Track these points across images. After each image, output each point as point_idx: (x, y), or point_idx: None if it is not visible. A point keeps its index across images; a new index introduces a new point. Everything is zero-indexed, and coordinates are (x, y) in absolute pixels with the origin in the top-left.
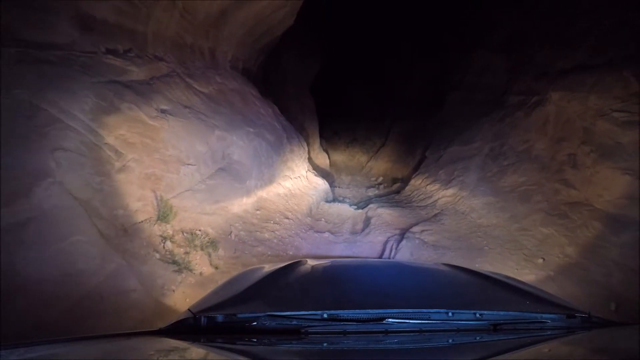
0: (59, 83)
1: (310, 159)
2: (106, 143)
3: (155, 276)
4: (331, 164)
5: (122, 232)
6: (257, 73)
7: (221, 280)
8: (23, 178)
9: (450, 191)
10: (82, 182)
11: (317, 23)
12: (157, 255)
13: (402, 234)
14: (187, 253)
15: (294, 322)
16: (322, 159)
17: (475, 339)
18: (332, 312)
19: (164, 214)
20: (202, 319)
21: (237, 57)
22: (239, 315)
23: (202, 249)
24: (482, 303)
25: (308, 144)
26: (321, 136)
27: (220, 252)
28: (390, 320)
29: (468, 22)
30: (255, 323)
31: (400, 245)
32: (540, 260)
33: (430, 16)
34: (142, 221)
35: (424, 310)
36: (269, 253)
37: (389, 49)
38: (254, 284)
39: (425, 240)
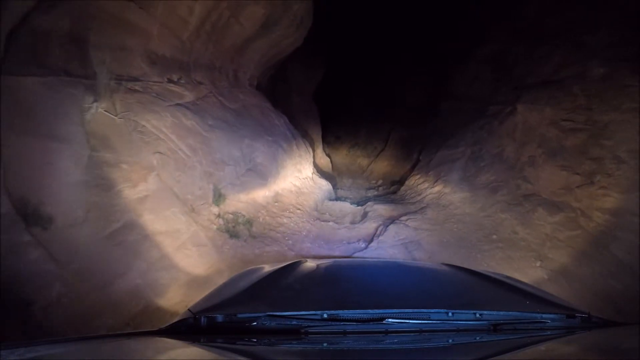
0: (148, 106)
1: (314, 163)
2: (181, 149)
3: (216, 239)
4: (333, 168)
5: (191, 210)
6: (268, 86)
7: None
8: (142, 170)
9: (435, 189)
10: (169, 175)
11: (320, 35)
12: (214, 227)
13: (391, 221)
14: (234, 227)
15: (294, 322)
16: (325, 163)
17: (475, 339)
18: (332, 312)
19: (217, 200)
20: (202, 319)
21: (254, 75)
22: (239, 315)
23: (243, 225)
24: (482, 303)
25: (312, 149)
26: (324, 141)
27: (254, 229)
28: (390, 320)
29: (462, 35)
30: (255, 323)
31: (388, 228)
32: (494, 236)
33: (429, 28)
34: (203, 203)
35: (424, 310)
36: (288, 231)
37: (389, 58)
38: (254, 284)
39: (409, 225)
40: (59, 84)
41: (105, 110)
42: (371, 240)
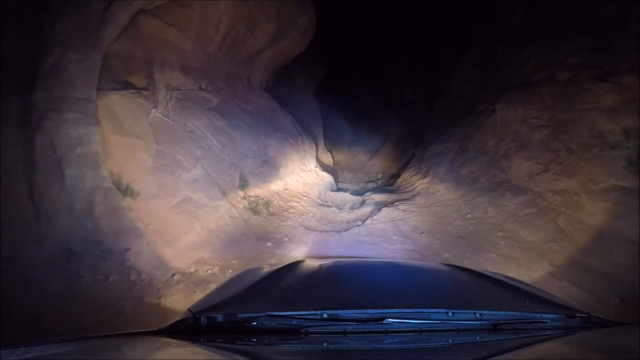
0: (190, 111)
1: (317, 158)
2: (215, 144)
3: (243, 214)
4: (335, 163)
5: (224, 192)
6: (273, 86)
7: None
8: (192, 160)
9: (426, 179)
10: (208, 164)
11: (321, 36)
12: (241, 206)
13: (384, 205)
14: (256, 206)
15: (294, 322)
16: (327, 158)
17: (475, 339)
18: (332, 312)
19: (242, 185)
20: (202, 319)
21: (262, 78)
22: (239, 315)
23: (262, 206)
24: (482, 303)
25: (315, 145)
26: (325, 137)
27: (271, 209)
28: (390, 320)
29: (456, 37)
30: (255, 323)
31: (381, 210)
32: (469, 215)
33: (426, 30)
34: (231, 187)
35: (424, 310)
36: (298, 212)
37: (388, 58)
38: (254, 284)
39: (399, 208)
40: (130, 95)
41: (161, 115)
42: (366, 219)
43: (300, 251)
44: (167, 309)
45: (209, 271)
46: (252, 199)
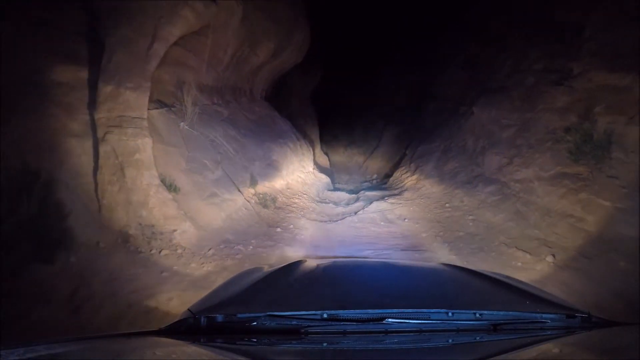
0: (208, 123)
1: (314, 161)
2: (229, 150)
3: (255, 208)
4: (331, 165)
5: (239, 190)
6: (272, 94)
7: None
8: (214, 163)
9: (414, 177)
10: (226, 166)
11: (316, 43)
12: (253, 201)
13: (375, 199)
14: (264, 201)
15: (294, 322)
16: (324, 160)
17: (475, 339)
18: (332, 312)
19: (253, 183)
20: (202, 319)
21: (263, 89)
22: (239, 315)
23: (270, 201)
24: (482, 303)
25: (312, 148)
26: (322, 140)
27: (277, 204)
28: (390, 320)
29: (445, 44)
30: (255, 323)
31: (372, 203)
32: (447, 205)
33: (417, 36)
34: (244, 186)
35: (424, 310)
36: (300, 207)
37: (382, 62)
38: (254, 284)
39: (387, 201)
40: (165, 112)
41: (188, 127)
42: (358, 211)
43: (304, 234)
44: (208, 271)
45: (235, 247)
46: (261, 195)
